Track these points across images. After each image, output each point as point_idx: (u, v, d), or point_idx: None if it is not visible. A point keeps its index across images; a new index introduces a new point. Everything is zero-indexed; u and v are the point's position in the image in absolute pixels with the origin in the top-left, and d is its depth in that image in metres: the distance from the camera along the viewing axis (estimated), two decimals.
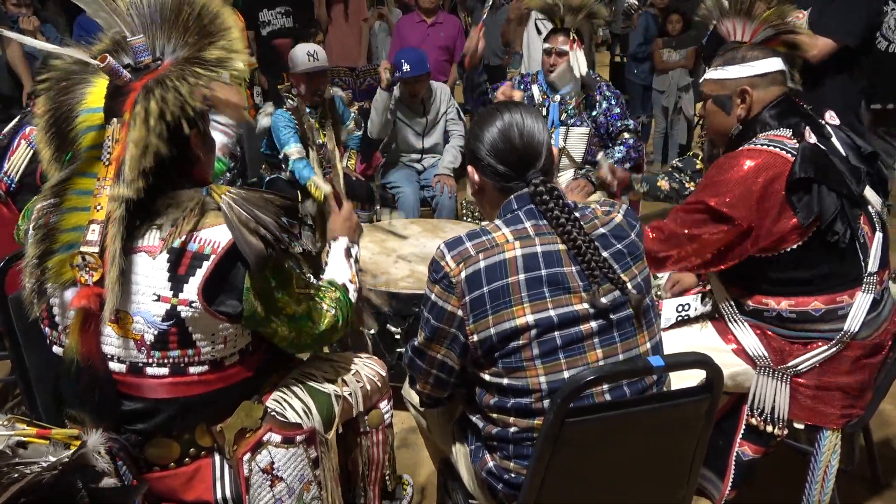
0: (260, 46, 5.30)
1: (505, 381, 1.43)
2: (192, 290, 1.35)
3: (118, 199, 1.29)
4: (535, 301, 1.39)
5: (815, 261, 1.85)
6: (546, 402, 1.41)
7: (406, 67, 3.85)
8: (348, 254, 1.80)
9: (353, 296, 1.69)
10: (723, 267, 1.92)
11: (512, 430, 1.46)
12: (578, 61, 3.40)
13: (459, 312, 1.42)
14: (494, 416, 1.48)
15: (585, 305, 1.41)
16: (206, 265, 1.35)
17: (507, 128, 1.47)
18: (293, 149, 3.62)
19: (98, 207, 1.31)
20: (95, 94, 1.42)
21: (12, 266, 1.81)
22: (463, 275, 1.41)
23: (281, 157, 3.71)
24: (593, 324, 1.42)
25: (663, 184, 2.71)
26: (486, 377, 1.46)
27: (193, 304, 1.35)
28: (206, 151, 1.47)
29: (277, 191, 3.36)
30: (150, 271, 1.35)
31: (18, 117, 2.59)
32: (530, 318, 1.39)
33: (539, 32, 5.04)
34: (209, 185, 1.45)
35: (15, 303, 1.80)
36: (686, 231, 1.91)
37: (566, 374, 1.41)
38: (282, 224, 1.38)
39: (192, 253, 1.35)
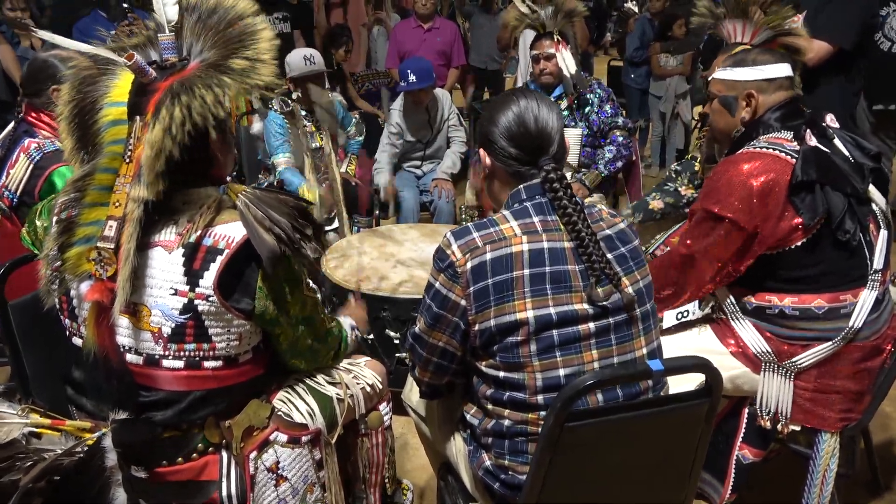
0: None
1: (501, 374, 1.45)
2: (207, 284, 1.37)
3: (138, 199, 1.32)
4: (536, 297, 1.40)
5: (821, 258, 1.85)
6: (540, 398, 1.42)
7: (412, 78, 3.85)
8: (352, 329, 1.84)
9: (350, 342, 1.77)
10: (740, 272, 1.91)
11: (506, 423, 1.47)
12: (566, 61, 3.44)
13: (463, 302, 1.44)
14: (490, 407, 1.49)
15: (585, 306, 1.42)
16: (220, 259, 1.37)
17: (522, 112, 1.48)
18: (281, 159, 3.60)
19: (117, 204, 1.34)
20: (120, 87, 1.44)
21: (12, 272, 1.82)
22: (469, 265, 1.42)
23: (270, 164, 3.70)
24: (591, 325, 1.43)
25: (655, 203, 2.71)
26: (483, 368, 1.48)
27: (210, 298, 1.38)
28: (225, 152, 1.50)
29: None
30: (167, 265, 1.38)
31: (12, 124, 2.52)
32: (530, 314, 1.40)
33: (516, 46, 5.12)
34: (226, 184, 1.48)
35: (15, 309, 1.81)
36: (698, 248, 1.91)
37: (562, 372, 1.42)
38: (295, 225, 1.41)
39: (207, 247, 1.38)
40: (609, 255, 1.44)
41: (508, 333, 1.41)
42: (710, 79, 2.13)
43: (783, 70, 1.97)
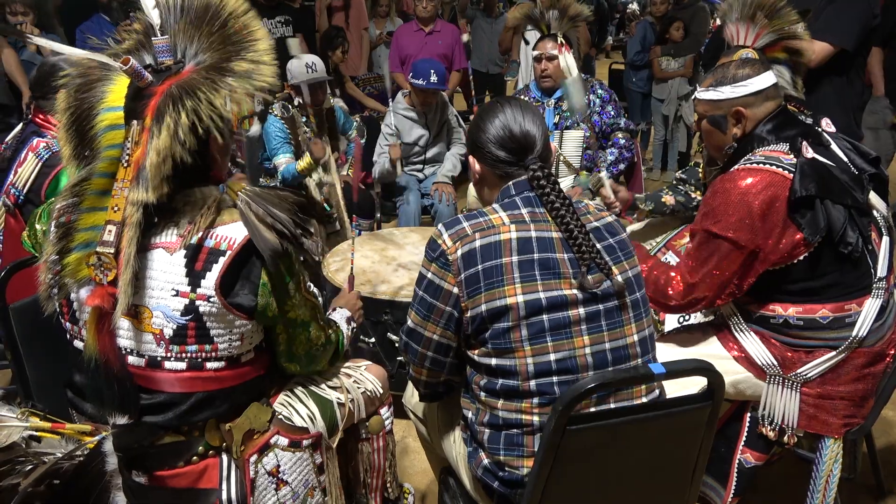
0: None
1: (494, 361, 1.47)
2: (209, 285, 1.37)
3: (137, 203, 1.31)
4: (526, 282, 1.43)
5: (826, 270, 1.84)
6: (532, 383, 1.44)
7: (433, 78, 3.91)
8: (348, 322, 1.85)
9: (346, 341, 1.76)
10: (743, 290, 1.89)
11: (501, 414, 1.48)
12: (568, 64, 3.46)
13: (455, 290, 1.47)
14: (484, 398, 1.50)
15: (575, 291, 1.45)
16: (223, 261, 1.37)
17: (507, 118, 1.55)
18: (282, 159, 3.62)
19: (115, 208, 1.33)
20: (116, 92, 1.44)
21: (13, 276, 1.82)
22: (459, 252, 1.45)
23: (271, 166, 3.72)
24: (581, 310, 1.45)
25: (668, 199, 2.71)
26: (476, 357, 1.50)
27: (211, 299, 1.37)
28: (223, 153, 1.49)
29: None
30: (168, 267, 1.37)
31: (21, 126, 2.57)
32: (520, 299, 1.42)
33: (527, 43, 5.12)
34: (225, 183, 1.48)
35: (16, 312, 1.81)
36: (701, 271, 1.88)
37: (552, 357, 1.44)
38: (296, 220, 1.41)
39: (209, 249, 1.38)
40: (598, 246, 1.47)
41: (499, 318, 1.43)
42: (694, 97, 2.12)
43: (767, 80, 1.93)
